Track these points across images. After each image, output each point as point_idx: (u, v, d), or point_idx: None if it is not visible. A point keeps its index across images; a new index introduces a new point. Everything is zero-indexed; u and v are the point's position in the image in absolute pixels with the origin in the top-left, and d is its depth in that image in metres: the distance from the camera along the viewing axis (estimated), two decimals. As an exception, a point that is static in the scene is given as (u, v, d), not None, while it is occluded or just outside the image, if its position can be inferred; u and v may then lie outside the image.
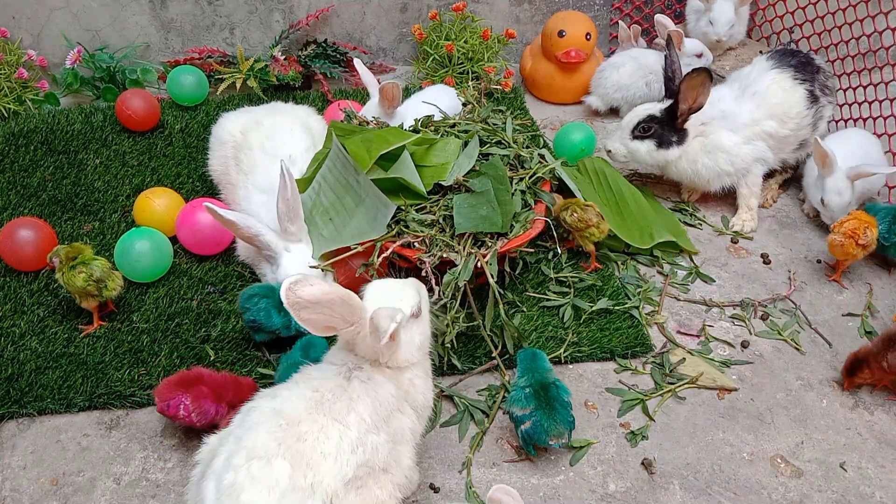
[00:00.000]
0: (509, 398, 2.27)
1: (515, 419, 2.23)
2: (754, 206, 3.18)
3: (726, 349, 2.65)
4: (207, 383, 2.23)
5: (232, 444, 1.73)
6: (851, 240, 2.74)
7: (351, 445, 1.75)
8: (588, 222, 2.76)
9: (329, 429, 1.74)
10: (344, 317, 1.82)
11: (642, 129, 3.06)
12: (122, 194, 3.18)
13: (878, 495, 2.19)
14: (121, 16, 3.90)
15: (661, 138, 3.06)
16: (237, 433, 1.75)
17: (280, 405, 1.77)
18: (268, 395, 1.85)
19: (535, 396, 2.21)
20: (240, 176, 2.86)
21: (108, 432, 2.32)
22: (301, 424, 1.72)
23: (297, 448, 1.69)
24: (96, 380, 2.41)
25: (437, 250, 2.50)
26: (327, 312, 1.80)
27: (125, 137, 3.51)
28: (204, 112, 3.70)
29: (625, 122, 3.12)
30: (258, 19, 4.01)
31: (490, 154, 2.81)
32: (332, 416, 1.76)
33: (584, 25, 3.77)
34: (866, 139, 3.17)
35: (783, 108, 3.10)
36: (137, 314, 2.64)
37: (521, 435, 2.22)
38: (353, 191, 2.59)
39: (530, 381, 2.25)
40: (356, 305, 1.82)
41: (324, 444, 1.71)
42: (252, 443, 1.69)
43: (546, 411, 2.18)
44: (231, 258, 2.86)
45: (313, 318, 1.80)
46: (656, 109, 3.06)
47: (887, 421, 2.40)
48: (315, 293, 1.76)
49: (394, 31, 4.13)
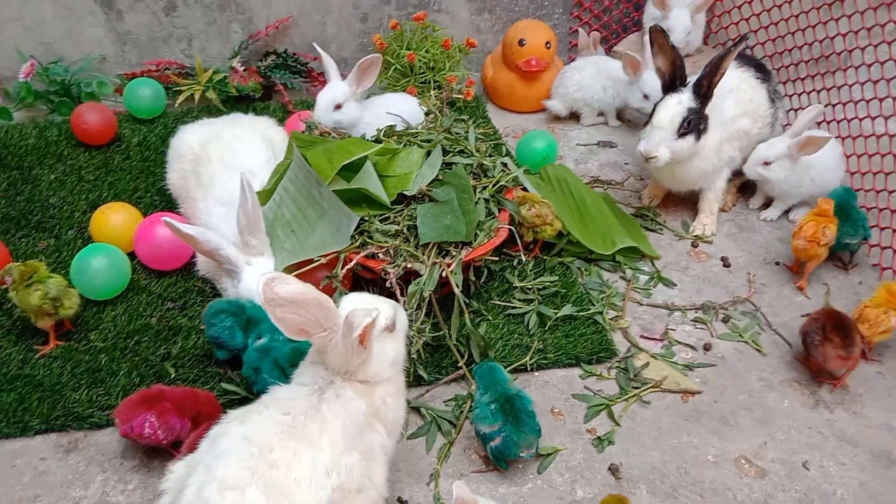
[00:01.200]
0: (475, 416, 2.25)
1: (483, 437, 2.22)
2: (716, 211, 3.22)
3: (689, 352, 2.67)
4: (170, 399, 2.19)
5: (202, 473, 1.67)
6: (813, 243, 2.79)
7: (325, 469, 1.71)
8: (544, 219, 2.79)
9: (302, 454, 1.70)
10: (318, 320, 1.80)
11: (687, 125, 2.88)
12: (79, 210, 3.11)
13: (840, 492, 2.22)
14: (75, 28, 3.83)
15: (698, 129, 2.92)
16: (206, 461, 1.69)
17: (250, 431, 1.72)
18: (236, 419, 1.79)
19: (501, 411, 2.19)
20: (199, 189, 2.82)
21: (67, 455, 2.26)
22: (273, 451, 1.67)
23: (271, 476, 1.64)
24: (53, 402, 2.35)
25: (402, 261, 2.49)
26: (302, 313, 1.79)
27: (81, 152, 3.45)
28: (162, 125, 3.64)
29: (663, 123, 2.90)
30: (217, 30, 3.97)
31: (453, 163, 2.81)
32: (304, 441, 1.72)
33: (543, 34, 3.80)
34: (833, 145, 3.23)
35: (753, 104, 3.13)
36: (95, 333, 2.59)
37: (492, 451, 2.20)
38: (316, 202, 2.57)
39: (494, 395, 2.23)
40: (331, 310, 1.81)
41: (297, 470, 1.67)
42: (223, 472, 1.63)
43: (514, 425, 2.17)
44: (191, 273, 2.82)
45: (288, 317, 1.78)
46: (686, 100, 2.88)
47: (847, 419, 2.44)
48: (291, 291, 1.76)
49: (354, 40, 4.12)
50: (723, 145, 3.06)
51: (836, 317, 2.50)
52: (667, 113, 2.90)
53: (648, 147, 2.94)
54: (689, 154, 2.96)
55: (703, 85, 2.87)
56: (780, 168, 3.08)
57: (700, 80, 2.87)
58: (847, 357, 2.44)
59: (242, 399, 2.37)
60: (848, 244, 2.93)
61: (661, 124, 2.91)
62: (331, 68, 3.21)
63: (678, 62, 2.89)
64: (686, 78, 2.91)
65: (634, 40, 4.13)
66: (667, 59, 2.91)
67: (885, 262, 2.96)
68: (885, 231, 3.01)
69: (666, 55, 2.91)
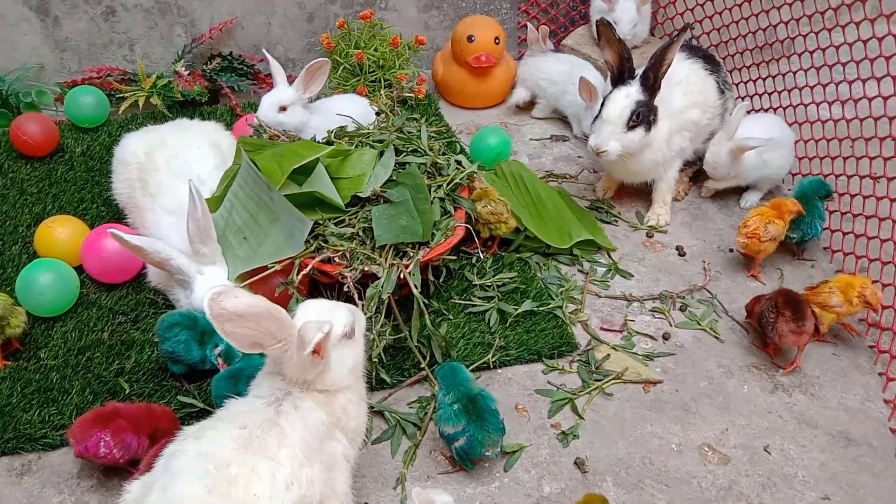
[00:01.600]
0: (438, 417, 2.24)
1: (447, 437, 2.20)
2: (669, 201, 3.25)
3: (649, 342, 2.69)
4: (125, 416, 2.13)
5: (158, 494, 1.62)
6: (754, 239, 2.83)
7: (285, 482, 1.67)
8: (500, 216, 2.79)
9: (261, 468, 1.65)
10: (272, 332, 1.75)
11: (636, 117, 2.88)
12: (22, 224, 3.01)
13: (801, 474, 2.26)
14: (9, 36, 3.71)
15: (648, 121, 2.92)
16: (162, 481, 1.64)
17: (206, 447, 1.67)
18: (192, 435, 1.73)
19: (464, 411, 2.18)
20: (146, 199, 2.75)
21: (20, 479, 2.19)
22: (231, 467, 1.63)
23: (229, 492, 1.60)
24: (3, 423, 2.27)
25: (359, 264, 2.46)
26: (253, 327, 1.72)
27: (22, 164, 3.34)
28: (106, 133, 3.55)
29: (612, 116, 2.89)
30: (158, 34, 3.88)
31: (407, 163, 2.79)
32: (262, 454, 1.67)
33: (492, 30, 3.79)
34: (779, 125, 3.29)
35: (703, 95, 3.16)
36: (45, 350, 2.51)
37: (457, 451, 2.19)
38: (267, 208, 2.52)
39: (457, 396, 2.22)
40: (285, 321, 1.75)
41: (256, 485, 1.63)
42: (180, 492, 1.59)
43: (477, 424, 2.16)
44: (142, 285, 2.75)
45: (238, 331, 1.71)
46: (634, 93, 2.89)
47: (805, 401, 2.48)
48: (240, 305, 1.69)
49: (301, 40, 4.06)
50: (673, 136, 3.08)
51: (787, 294, 2.56)
52: (615, 106, 2.90)
53: (599, 142, 2.93)
54: (640, 146, 2.97)
55: (649, 77, 2.89)
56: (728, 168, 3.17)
57: (646, 71, 2.89)
58: (800, 332, 2.49)
59: (200, 412, 2.32)
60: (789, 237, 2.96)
61: (610, 118, 2.90)
62: (277, 73, 3.16)
63: (625, 55, 2.90)
64: (634, 71, 2.93)
65: (582, 34, 4.15)
66: (614, 53, 2.92)
67: (835, 245, 3.02)
68: (834, 214, 3.07)
69: (613, 48, 2.91)
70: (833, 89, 3.13)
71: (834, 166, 3.13)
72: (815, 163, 3.24)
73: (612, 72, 2.97)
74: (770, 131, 3.16)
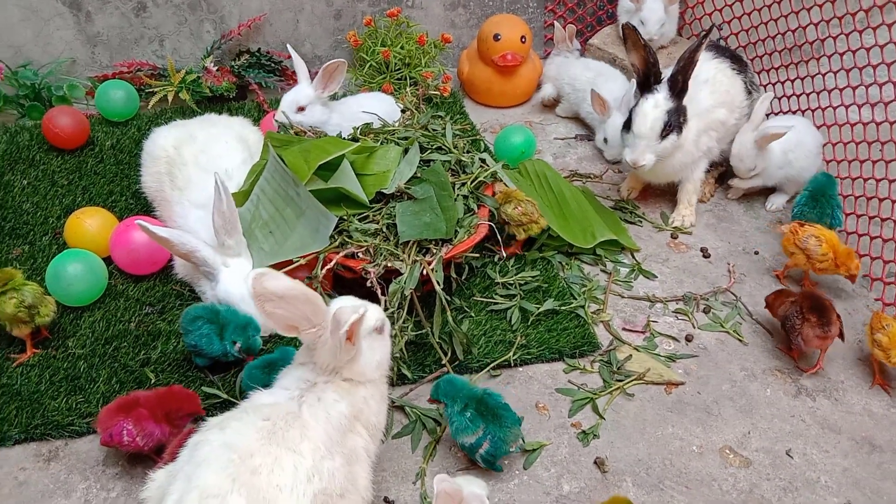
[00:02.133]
0: (454, 432, 2.20)
1: (470, 448, 2.19)
2: (694, 202, 3.23)
3: (671, 344, 2.68)
4: (144, 405, 2.17)
5: (182, 483, 1.65)
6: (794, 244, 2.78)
7: (307, 474, 1.69)
8: (531, 216, 2.78)
9: (283, 459, 1.68)
10: (307, 315, 1.84)
11: (668, 127, 2.89)
12: (52, 215, 3.07)
13: (824, 479, 2.24)
14: (44, 31, 3.77)
15: (679, 126, 2.93)
16: (187, 471, 1.67)
17: (230, 438, 1.70)
18: (216, 426, 1.77)
19: (479, 415, 2.17)
20: (174, 192, 2.79)
21: (47, 465, 2.23)
22: (254, 457, 1.66)
23: (252, 482, 1.62)
24: (32, 410, 2.32)
25: (382, 259, 2.47)
26: (291, 309, 1.83)
27: (53, 156, 3.39)
28: (135, 127, 3.60)
29: (644, 131, 2.90)
30: (188, 30, 3.92)
31: (431, 160, 2.80)
32: (285, 446, 1.70)
33: (518, 28, 3.79)
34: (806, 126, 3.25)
35: (730, 95, 3.14)
36: (73, 340, 2.55)
37: (483, 458, 2.18)
38: (293, 203, 2.55)
39: (464, 402, 2.20)
40: (320, 306, 1.84)
41: (279, 476, 1.65)
42: (204, 481, 1.62)
43: (495, 423, 2.15)
44: (169, 277, 2.79)
45: (277, 312, 1.83)
46: (663, 101, 2.88)
47: (829, 406, 2.46)
48: (280, 286, 1.80)
49: (329, 38, 4.08)
50: (700, 136, 3.06)
51: (812, 297, 2.53)
52: (646, 120, 2.89)
53: (635, 157, 2.95)
54: (674, 150, 2.98)
55: (677, 80, 2.88)
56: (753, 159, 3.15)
57: (674, 75, 2.88)
58: (825, 336, 2.47)
59: (224, 403, 2.35)
60: None
61: (642, 133, 2.91)
62: (300, 70, 3.19)
63: (651, 59, 2.88)
64: (660, 74, 2.91)
65: (609, 33, 4.13)
66: (640, 57, 2.90)
67: (861, 250, 2.98)
68: (861, 218, 3.03)
69: (639, 52, 2.89)
70: (864, 92, 3.09)
71: (863, 169, 3.09)
72: (844, 166, 3.21)
73: (638, 76, 2.95)
74: (795, 132, 3.13)
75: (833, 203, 2.99)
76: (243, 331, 2.40)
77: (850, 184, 3.15)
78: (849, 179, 3.16)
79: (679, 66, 2.86)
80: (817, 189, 3.01)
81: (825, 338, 2.47)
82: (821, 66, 3.38)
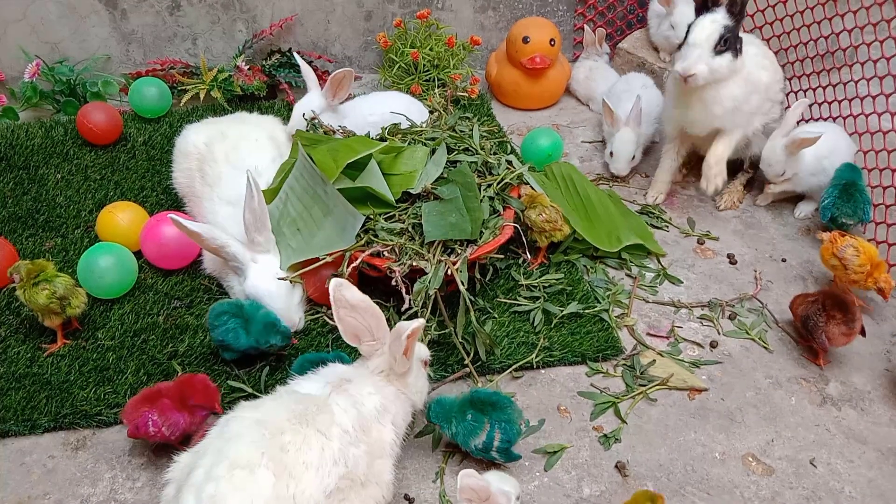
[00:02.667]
0: (465, 442, 2.19)
1: (483, 448, 2.18)
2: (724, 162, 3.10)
3: (696, 349, 2.67)
4: (167, 395, 2.21)
5: (212, 456, 1.71)
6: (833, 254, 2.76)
7: (332, 458, 1.76)
8: (555, 223, 2.78)
9: (311, 440, 1.75)
10: (371, 328, 2.02)
11: (724, 42, 2.78)
12: (85, 209, 3.12)
13: (848, 490, 2.22)
14: (80, 28, 3.84)
15: (735, 48, 2.83)
16: (216, 445, 1.74)
17: (263, 415, 1.79)
18: (250, 406, 1.86)
19: (479, 412, 2.18)
20: (205, 188, 2.82)
21: (75, 453, 2.27)
22: (284, 434, 1.73)
23: (281, 458, 1.69)
24: (61, 400, 2.36)
25: (407, 259, 2.49)
26: (360, 319, 2.01)
27: (87, 151, 3.45)
28: (167, 124, 3.65)
29: (699, 40, 2.78)
30: (221, 29, 3.97)
31: (458, 161, 2.81)
32: (314, 428, 1.77)
33: (547, 31, 3.79)
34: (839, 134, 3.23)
35: (773, 66, 3.12)
36: (102, 331, 2.59)
37: (500, 451, 2.18)
38: (321, 201, 2.57)
39: (462, 409, 2.20)
40: (382, 321, 2.02)
41: (307, 454, 1.72)
42: (235, 453, 1.68)
43: (496, 411, 2.17)
44: (197, 272, 2.82)
45: (348, 319, 2.02)
46: (721, 18, 2.78)
47: (854, 416, 2.43)
48: (355, 297, 2.01)
49: (359, 39, 4.12)
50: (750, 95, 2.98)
51: (833, 296, 2.52)
52: (702, 30, 2.78)
53: (687, 65, 2.79)
54: (728, 73, 2.85)
55: (736, 2, 2.79)
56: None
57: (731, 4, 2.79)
58: (850, 333, 2.47)
59: (249, 396, 2.37)
60: (844, 224, 2.97)
61: (697, 41, 2.79)
62: (309, 78, 3.21)
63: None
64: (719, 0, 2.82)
65: (639, 37, 4.12)
66: None
67: (892, 259, 2.94)
68: (893, 227, 3.00)
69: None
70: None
71: (894, 178, 3.05)
72: (875, 174, 3.17)
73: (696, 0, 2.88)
74: (829, 139, 3.10)
75: (864, 197, 2.98)
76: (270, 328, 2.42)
77: (881, 193, 3.11)
78: (880, 188, 3.12)
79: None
80: (848, 182, 2.99)
81: (850, 334, 2.46)
82: (854, 74, 3.34)
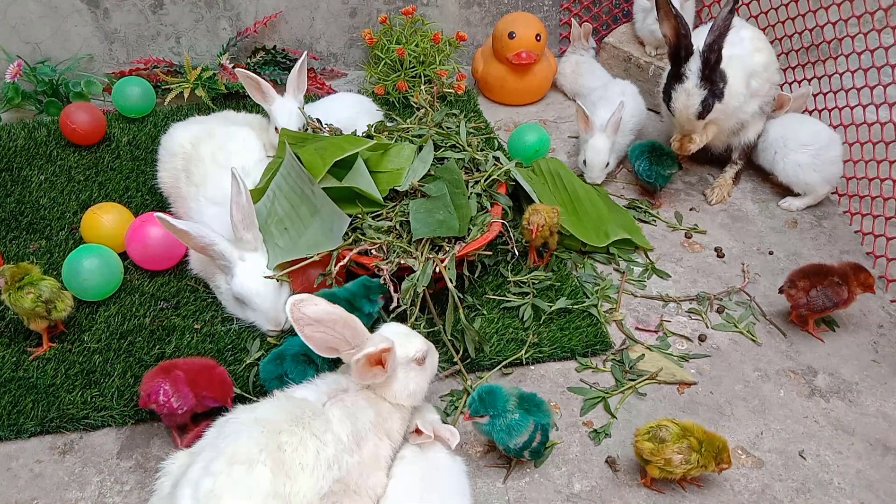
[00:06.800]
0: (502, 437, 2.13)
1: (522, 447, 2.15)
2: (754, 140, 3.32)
3: (684, 343, 2.67)
4: (182, 368, 2.22)
5: (210, 452, 1.72)
6: None
7: (327, 461, 1.77)
8: (553, 228, 2.76)
9: (308, 442, 1.76)
10: (345, 338, 1.95)
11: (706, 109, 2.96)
12: (69, 211, 3.09)
13: (837, 481, 2.23)
14: (62, 27, 3.80)
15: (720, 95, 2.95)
16: (214, 443, 1.75)
17: (260, 414, 1.80)
18: (246, 409, 1.87)
19: (525, 412, 2.14)
20: (191, 188, 2.80)
21: (62, 457, 2.25)
22: (281, 434, 1.74)
23: (278, 456, 1.70)
24: (47, 403, 2.34)
25: (395, 257, 2.48)
26: (330, 332, 1.93)
27: (70, 152, 3.42)
28: (152, 123, 3.62)
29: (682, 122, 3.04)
30: (205, 27, 3.95)
31: (445, 158, 2.81)
32: (310, 431, 1.78)
33: (533, 27, 3.78)
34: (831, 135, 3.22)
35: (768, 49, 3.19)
36: (88, 334, 2.57)
37: (533, 451, 2.18)
38: (309, 200, 2.56)
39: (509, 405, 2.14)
40: (358, 329, 1.95)
41: (302, 455, 1.73)
42: (233, 449, 1.69)
43: (540, 413, 2.17)
44: (184, 272, 2.80)
45: (316, 335, 1.94)
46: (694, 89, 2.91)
47: (843, 408, 2.45)
48: (318, 311, 1.91)
49: (344, 35, 4.10)
50: (749, 79, 3.07)
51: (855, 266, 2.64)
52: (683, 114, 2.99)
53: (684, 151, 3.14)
54: (721, 112, 3.01)
55: (712, 50, 2.82)
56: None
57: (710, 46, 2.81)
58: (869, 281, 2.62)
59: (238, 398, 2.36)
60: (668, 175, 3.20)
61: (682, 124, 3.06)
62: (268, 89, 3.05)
63: (682, 30, 2.82)
64: (692, 47, 2.86)
65: (625, 31, 4.12)
66: (671, 28, 2.85)
67: (878, 251, 2.96)
68: (878, 219, 3.01)
69: (670, 22, 2.83)
70: (881, 91, 3.07)
71: (880, 170, 3.07)
72: (861, 166, 3.18)
73: (669, 48, 2.92)
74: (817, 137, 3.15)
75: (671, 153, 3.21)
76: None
77: (866, 184, 3.13)
78: (865, 180, 3.13)
79: (714, 36, 2.80)
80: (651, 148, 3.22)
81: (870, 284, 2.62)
82: (838, 66, 3.36)
